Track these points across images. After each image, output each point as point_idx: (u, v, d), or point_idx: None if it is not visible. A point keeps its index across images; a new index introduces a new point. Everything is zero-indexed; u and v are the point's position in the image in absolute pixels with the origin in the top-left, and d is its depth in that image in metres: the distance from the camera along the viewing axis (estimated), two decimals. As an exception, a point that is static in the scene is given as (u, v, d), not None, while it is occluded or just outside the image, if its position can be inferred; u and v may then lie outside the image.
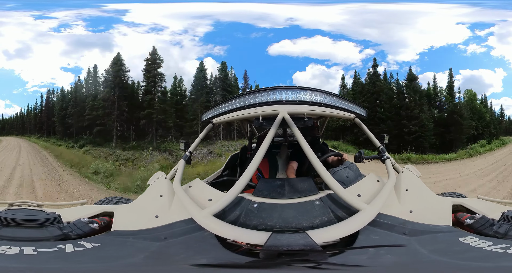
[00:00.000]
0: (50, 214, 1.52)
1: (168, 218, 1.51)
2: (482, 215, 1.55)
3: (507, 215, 1.52)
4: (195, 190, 1.75)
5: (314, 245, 1.19)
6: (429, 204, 1.73)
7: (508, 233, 1.42)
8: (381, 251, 1.26)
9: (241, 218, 1.41)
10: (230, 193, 1.42)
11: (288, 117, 1.77)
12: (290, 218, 1.38)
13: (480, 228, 1.48)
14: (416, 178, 1.94)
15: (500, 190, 9.64)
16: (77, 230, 1.44)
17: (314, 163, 1.57)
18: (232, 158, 3.55)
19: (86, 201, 2.17)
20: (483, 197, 2.00)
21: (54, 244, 1.32)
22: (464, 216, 1.62)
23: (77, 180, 11.82)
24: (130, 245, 1.37)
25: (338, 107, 2.02)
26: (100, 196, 8.43)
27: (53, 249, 1.27)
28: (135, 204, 1.82)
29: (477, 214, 1.59)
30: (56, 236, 1.40)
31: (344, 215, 1.41)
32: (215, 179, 3.05)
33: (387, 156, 2.05)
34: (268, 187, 1.59)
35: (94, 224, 1.51)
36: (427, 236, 1.43)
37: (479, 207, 1.72)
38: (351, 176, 1.90)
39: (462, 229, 1.56)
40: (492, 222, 1.50)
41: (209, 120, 2.19)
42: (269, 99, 1.87)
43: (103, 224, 1.57)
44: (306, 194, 1.54)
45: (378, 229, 1.41)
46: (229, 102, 2.03)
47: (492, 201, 1.96)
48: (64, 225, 1.46)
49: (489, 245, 1.31)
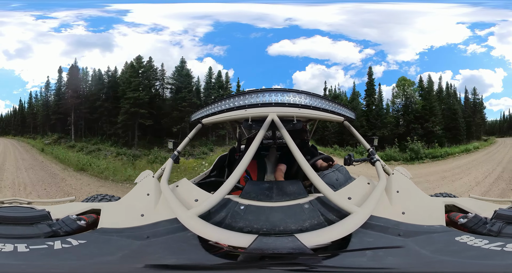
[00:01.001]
0: (40, 211, 1.53)
1: (153, 217, 1.51)
2: (475, 214, 1.56)
3: (499, 213, 1.53)
4: (182, 190, 1.73)
5: (304, 248, 1.17)
6: (421, 204, 1.73)
7: (502, 231, 1.43)
8: (380, 253, 1.25)
9: (226, 220, 1.39)
10: (217, 194, 1.41)
11: (277, 119, 1.77)
12: (277, 221, 1.36)
13: (474, 227, 1.49)
14: (407, 179, 1.95)
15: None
16: (66, 227, 1.46)
17: (303, 166, 1.55)
18: (220, 159, 3.54)
19: (75, 198, 2.18)
20: (475, 196, 2.01)
21: (44, 241, 1.35)
22: (457, 215, 1.62)
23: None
24: (113, 243, 1.38)
25: (327, 110, 2.02)
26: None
27: (43, 246, 1.29)
28: (122, 202, 1.82)
29: (469, 213, 1.60)
30: (45, 233, 1.42)
31: (335, 218, 1.39)
32: (203, 179, 3.03)
33: (377, 159, 2.04)
34: (256, 189, 1.57)
35: (81, 221, 1.53)
36: (422, 236, 1.43)
37: (471, 206, 1.72)
38: (341, 179, 1.88)
39: (456, 229, 1.56)
40: (485, 220, 1.51)
41: (198, 120, 2.18)
42: (258, 101, 1.88)
43: (90, 221, 1.58)
44: (295, 197, 1.52)
45: (371, 232, 1.39)
46: (218, 103, 2.02)
47: (483, 200, 1.96)
48: (53, 222, 1.48)
49: (485, 244, 1.31)
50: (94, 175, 11.36)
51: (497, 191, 8.60)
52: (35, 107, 21.10)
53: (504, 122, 23.06)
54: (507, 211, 1.55)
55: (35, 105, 21.09)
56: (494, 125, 23.79)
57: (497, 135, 22.70)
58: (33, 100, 21.19)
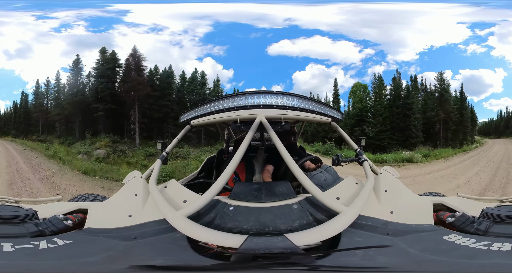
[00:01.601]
0: (27, 211, 1.53)
1: (141, 218, 1.50)
2: (462, 212, 1.57)
3: (486, 212, 1.53)
4: (170, 191, 1.73)
5: (295, 248, 1.17)
6: (410, 204, 1.74)
7: (489, 230, 1.44)
8: (370, 252, 1.25)
9: (215, 221, 1.39)
10: (206, 196, 1.41)
11: (265, 121, 1.78)
12: (267, 222, 1.37)
13: (461, 226, 1.50)
14: (395, 179, 1.96)
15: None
16: (52, 227, 1.46)
17: (292, 166, 1.56)
18: (209, 160, 3.54)
19: (62, 198, 2.18)
20: (463, 194, 2.02)
21: (30, 240, 1.34)
22: (445, 214, 1.63)
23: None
24: (99, 243, 1.37)
25: (314, 111, 2.05)
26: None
27: (29, 246, 1.29)
28: (109, 202, 1.81)
29: (457, 212, 1.61)
30: (32, 232, 1.41)
31: (324, 218, 1.40)
32: (191, 181, 3.03)
33: (364, 158, 2.06)
34: (245, 190, 1.58)
35: (68, 221, 1.52)
36: (411, 235, 1.44)
37: (459, 205, 1.73)
38: (329, 180, 1.90)
39: (444, 228, 1.57)
40: (472, 219, 1.52)
41: (187, 121, 2.19)
42: (247, 103, 1.89)
43: (77, 221, 1.58)
44: (283, 197, 1.53)
45: (360, 231, 1.40)
46: (207, 105, 2.04)
47: (471, 198, 1.97)
48: (40, 222, 1.48)
49: (472, 243, 1.32)
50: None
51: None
52: (48, 100, 18.64)
53: (500, 121, 22.87)
54: (494, 210, 1.56)
55: (47, 97, 18.66)
56: (490, 125, 23.61)
57: (493, 135, 22.57)
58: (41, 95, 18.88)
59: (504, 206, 1.72)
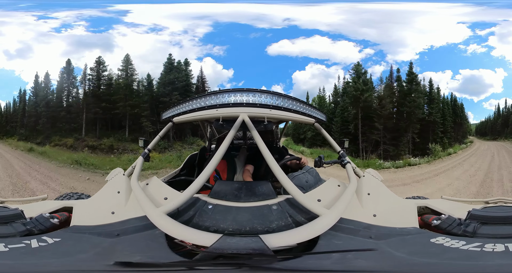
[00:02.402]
0: (14, 210, 1.53)
1: (123, 215, 1.52)
2: (448, 215, 1.55)
3: (473, 213, 1.52)
4: (152, 188, 1.74)
5: (265, 249, 1.15)
6: (393, 207, 1.73)
7: (477, 231, 1.42)
8: (348, 255, 1.23)
9: (194, 219, 1.39)
10: (186, 193, 1.40)
11: (248, 120, 1.77)
12: (244, 222, 1.36)
13: (448, 228, 1.48)
14: (378, 182, 1.95)
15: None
16: (40, 226, 1.47)
17: (273, 167, 1.54)
18: (191, 158, 3.53)
19: (47, 197, 2.18)
20: (447, 197, 2.01)
21: (20, 240, 1.35)
22: (430, 217, 1.61)
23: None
24: (86, 240, 1.40)
25: (298, 112, 2.03)
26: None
27: (21, 245, 1.30)
28: (93, 200, 1.83)
29: (443, 214, 1.59)
30: (20, 231, 1.43)
31: (303, 220, 1.39)
32: (172, 178, 3.00)
33: (347, 161, 2.05)
34: (225, 189, 1.57)
35: (54, 219, 1.54)
36: (395, 239, 1.42)
37: (444, 208, 1.71)
38: (310, 181, 1.87)
39: (430, 231, 1.54)
40: (459, 221, 1.51)
41: (169, 119, 2.18)
42: (230, 101, 1.87)
43: (63, 219, 1.60)
44: (263, 198, 1.52)
45: (341, 234, 1.38)
46: (189, 102, 2.02)
47: (456, 200, 1.96)
48: (27, 221, 1.49)
49: (463, 245, 1.30)
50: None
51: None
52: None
53: (498, 118, 22.04)
54: (480, 211, 1.55)
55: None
56: (486, 124, 23.13)
57: (489, 136, 21.86)
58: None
59: (490, 207, 1.70)
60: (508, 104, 21.00)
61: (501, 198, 1.85)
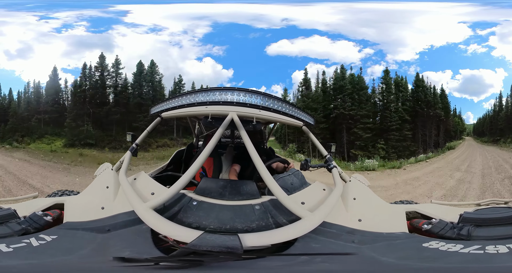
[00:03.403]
0: (7, 210, 1.53)
1: (112, 210, 1.53)
2: (439, 219, 1.53)
3: (465, 216, 1.50)
4: (140, 183, 1.74)
5: (237, 248, 1.15)
6: (380, 212, 1.71)
7: (472, 234, 1.40)
8: (318, 259, 1.22)
9: (179, 215, 1.40)
10: (172, 189, 1.41)
11: (237, 118, 1.76)
12: (226, 220, 1.37)
13: (441, 232, 1.46)
14: (365, 186, 1.93)
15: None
16: (35, 224, 1.47)
17: (259, 167, 1.54)
18: (178, 153, 3.55)
19: (38, 194, 2.18)
20: (437, 201, 1.99)
21: (19, 239, 1.35)
22: (420, 222, 1.59)
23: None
24: (80, 237, 1.41)
25: (287, 114, 2.03)
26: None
27: (23, 244, 1.30)
28: (83, 196, 1.83)
29: (433, 219, 1.57)
30: (17, 231, 1.42)
31: (285, 222, 1.39)
32: (159, 173, 3.02)
33: (334, 165, 2.04)
34: (210, 186, 1.58)
35: (48, 217, 1.54)
36: (381, 244, 1.40)
37: (434, 212, 1.70)
38: (295, 183, 1.86)
39: (420, 235, 1.52)
40: (452, 225, 1.48)
41: (158, 114, 2.17)
42: (220, 99, 1.87)
43: (55, 216, 1.60)
44: (247, 197, 1.52)
45: (322, 238, 1.37)
46: (179, 98, 2.01)
47: (446, 204, 1.94)
48: (21, 220, 1.49)
49: (461, 248, 1.25)
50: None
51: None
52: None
53: (499, 112, 20.40)
54: (473, 214, 1.53)
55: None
56: (484, 122, 22.10)
57: (487, 137, 20.68)
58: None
59: (482, 209, 1.69)
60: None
61: (493, 200, 1.83)
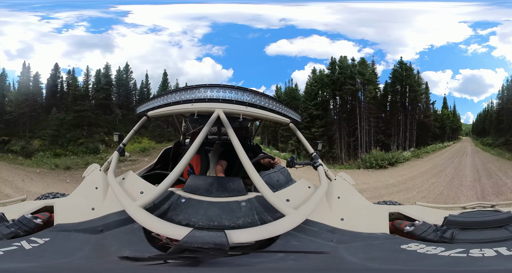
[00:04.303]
0: None
1: (103, 210, 1.54)
2: (423, 221, 1.52)
3: (450, 219, 1.48)
4: (128, 182, 1.75)
5: (224, 244, 1.18)
6: (363, 212, 1.72)
7: (456, 237, 1.38)
8: (291, 256, 1.23)
9: (169, 212, 1.42)
10: (160, 187, 1.42)
11: (223, 115, 1.76)
12: (213, 216, 1.39)
13: (423, 235, 1.44)
14: (349, 185, 1.93)
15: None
16: (24, 227, 1.46)
17: (245, 164, 1.55)
18: (165, 152, 3.56)
19: (26, 197, 2.18)
20: (421, 203, 1.98)
21: (10, 242, 1.33)
22: (402, 223, 1.57)
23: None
24: (74, 238, 1.41)
25: (274, 111, 2.03)
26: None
27: (14, 248, 1.28)
28: (72, 197, 1.84)
29: (417, 221, 1.55)
30: (6, 234, 1.41)
31: (269, 218, 1.41)
32: (148, 172, 3.03)
33: (319, 163, 2.05)
34: (198, 183, 1.59)
35: (37, 220, 1.53)
36: (359, 244, 1.40)
37: (418, 214, 1.68)
38: (281, 181, 1.88)
39: (402, 237, 1.50)
40: (435, 227, 1.46)
41: (144, 113, 2.17)
42: (205, 96, 1.85)
43: (45, 219, 1.59)
44: (234, 194, 1.54)
45: (303, 235, 1.39)
46: (165, 96, 2.01)
47: (431, 206, 1.93)
48: (10, 223, 1.47)
49: (441, 251, 1.24)
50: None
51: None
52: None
53: (498, 113, 18.88)
54: (458, 217, 1.52)
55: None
56: (485, 118, 20.32)
57: (492, 136, 18.15)
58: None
59: (467, 212, 1.67)
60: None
61: (478, 203, 1.81)
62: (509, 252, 1.19)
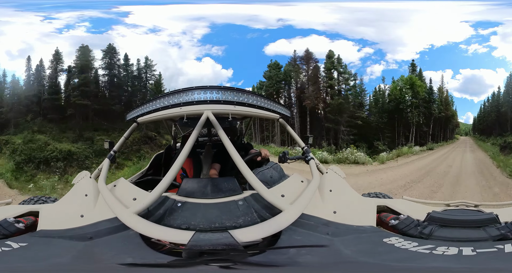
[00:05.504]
0: None
1: (93, 218, 1.52)
2: (407, 216, 1.56)
3: (432, 215, 1.53)
4: (120, 189, 1.73)
5: (236, 244, 1.20)
6: (353, 204, 1.76)
7: (433, 233, 1.43)
8: (303, 251, 1.27)
9: (165, 218, 1.41)
10: (154, 192, 1.41)
11: (212, 117, 1.76)
12: (213, 218, 1.40)
13: (404, 229, 1.49)
14: (341, 179, 1.97)
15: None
16: (3, 230, 1.43)
17: (238, 163, 1.56)
18: (157, 157, 3.54)
19: (12, 201, 2.16)
20: (408, 197, 2.01)
21: None
22: (388, 216, 1.62)
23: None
24: (56, 244, 1.38)
25: (262, 107, 2.04)
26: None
27: None
28: (60, 204, 1.82)
29: (402, 215, 1.60)
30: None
31: (268, 215, 1.42)
32: (139, 178, 3.00)
33: (311, 157, 2.07)
34: (192, 186, 1.60)
35: (19, 224, 1.50)
36: (350, 236, 1.45)
37: (404, 208, 1.72)
38: (275, 177, 1.90)
39: (386, 230, 1.56)
40: (417, 222, 1.51)
41: (133, 119, 2.16)
42: (193, 98, 1.86)
43: (28, 223, 1.56)
44: (229, 194, 1.55)
45: (301, 230, 1.42)
46: (153, 102, 2.00)
47: (417, 202, 1.96)
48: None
49: (414, 246, 1.31)
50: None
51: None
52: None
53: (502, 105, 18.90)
54: (440, 213, 1.56)
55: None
56: (485, 114, 20.71)
57: (494, 136, 18.55)
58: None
59: (450, 210, 1.71)
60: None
61: (463, 201, 1.84)
62: (470, 253, 1.23)
